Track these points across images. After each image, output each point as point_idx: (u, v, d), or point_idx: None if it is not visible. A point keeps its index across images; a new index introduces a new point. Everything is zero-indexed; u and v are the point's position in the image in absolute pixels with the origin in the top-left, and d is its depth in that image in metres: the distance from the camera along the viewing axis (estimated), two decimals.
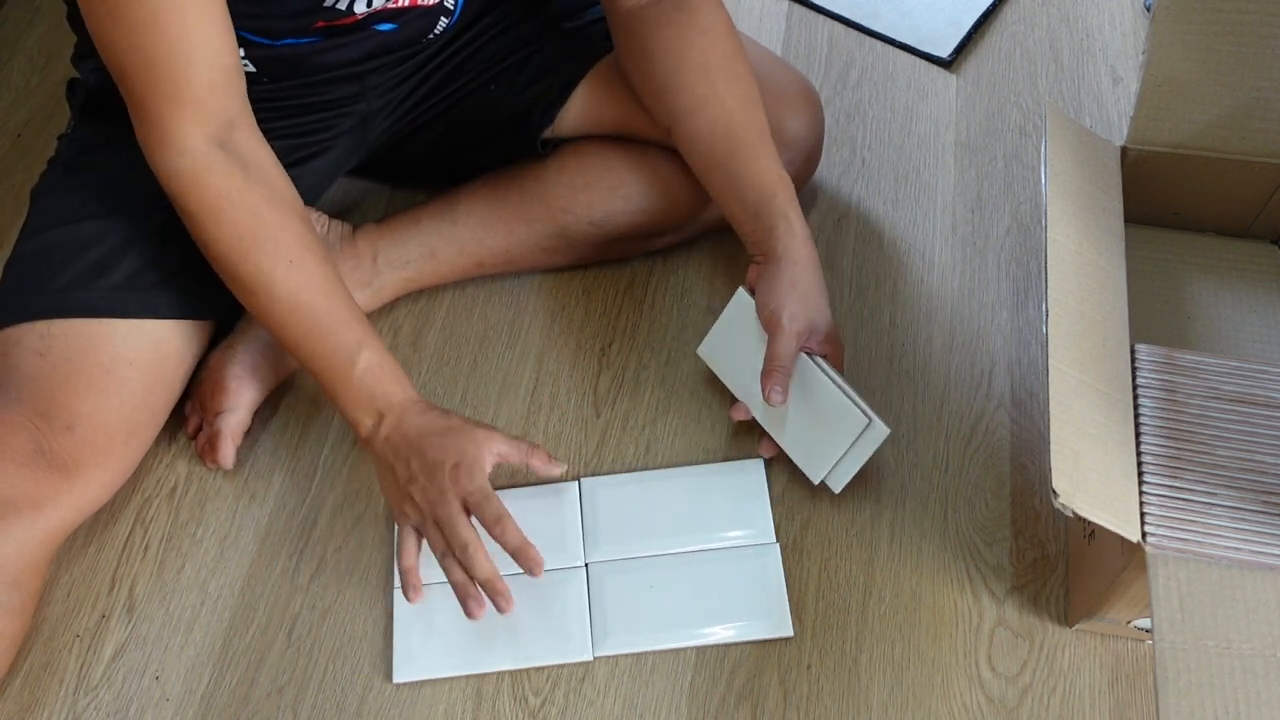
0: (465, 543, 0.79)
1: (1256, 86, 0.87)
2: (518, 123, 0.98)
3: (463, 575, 0.80)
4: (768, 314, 0.86)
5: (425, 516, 0.81)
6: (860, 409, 0.84)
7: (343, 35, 0.86)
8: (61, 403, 0.81)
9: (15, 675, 0.84)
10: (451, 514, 0.79)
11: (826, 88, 1.19)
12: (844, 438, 0.85)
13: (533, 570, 0.80)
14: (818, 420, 0.86)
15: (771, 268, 0.87)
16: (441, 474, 0.79)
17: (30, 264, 0.86)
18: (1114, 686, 0.81)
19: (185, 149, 0.77)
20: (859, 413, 0.84)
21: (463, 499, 0.80)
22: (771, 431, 0.90)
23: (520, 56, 0.98)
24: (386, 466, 0.83)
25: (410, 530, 0.83)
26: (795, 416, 0.87)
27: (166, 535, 0.91)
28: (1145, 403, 0.75)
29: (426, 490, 0.80)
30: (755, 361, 0.87)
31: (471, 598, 0.80)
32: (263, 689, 0.83)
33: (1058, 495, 0.66)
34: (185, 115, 0.75)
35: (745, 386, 0.90)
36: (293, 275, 0.80)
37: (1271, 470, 0.72)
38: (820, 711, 0.81)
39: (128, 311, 0.85)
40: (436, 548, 0.81)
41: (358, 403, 0.82)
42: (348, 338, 0.81)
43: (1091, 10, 1.25)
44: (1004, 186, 1.10)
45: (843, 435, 0.85)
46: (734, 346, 0.91)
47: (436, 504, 0.80)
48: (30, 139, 1.18)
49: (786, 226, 0.87)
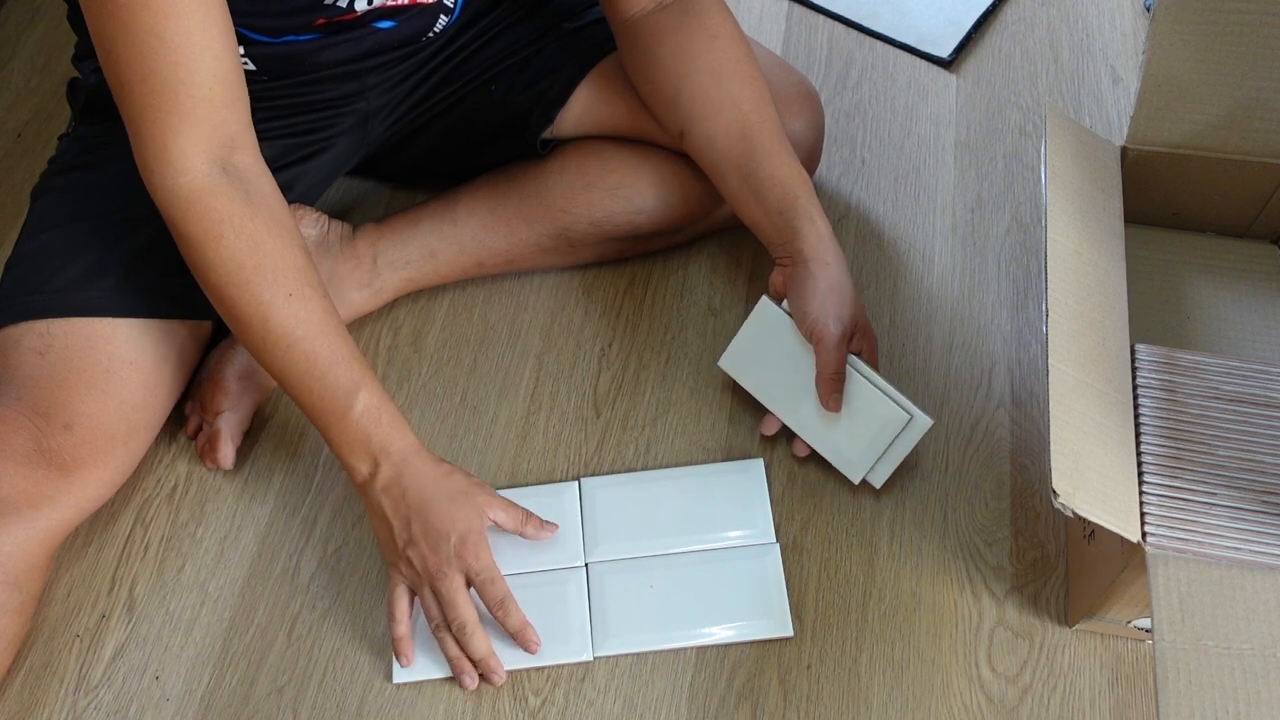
0: (464, 623, 0.79)
1: (1256, 86, 0.87)
2: (518, 123, 0.98)
3: (458, 650, 0.81)
4: (810, 321, 0.85)
5: (423, 583, 0.80)
6: (900, 405, 0.84)
7: (342, 32, 0.86)
8: (61, 402, 0.81)
9: (15, 675, 0.84)
10: (453, 591, 0.79)
11: (826, 88, 1.19)
12: (885, 435, 0.85)
13: (529, 649, 0.82)
14: (856, 420, 0.86)
15: (802, 272, 0.86)
16: (446, 546, 0.78)
17: (30, 263, 0.86)
18: (1114, 686, 0.81)
19: (185, 168, 0.74)
20: (899, 409, 0.84)
21: (466, 575, 0.79)
22: (805, 435, 0.89)
23: (521, 57, 0.98)
24: (383, 518, 0.80)
25: (404, 590, 0.81)
26: (831, 418, 0.87)
27: (166, 535, 0.91)
28: (1145, 403, 0.75)
29: (427, 560, 0.79)
30: (789, 369, 0.87)
31: (466, 673, 0.81)
32: (263, 689, 0.83)
33: (1058, 495, 0.66)
34: (184, 130, 0.73)
35: (776, 396, 0.90)
36: (291, 308, 0.77)
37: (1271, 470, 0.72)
38: (820, 711, 0.81)
39: (127, 311, 0.85)
40: (432, 618, 0.81)
41: (353, 446, 0.79)
42: (345, 377, 0.78)
43: (1091, 10, 1.25)
44: (1004, 186, 1.10)
45: (884, 432, 0.85)
46: (763, 356, 0.90)
47: (437, 577, 0.79)
48: (30, 139, 1.18)
49: (812, 227, 0.86)
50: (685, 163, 0.96)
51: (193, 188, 0.74)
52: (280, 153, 0.93)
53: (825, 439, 0.88)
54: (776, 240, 0.88)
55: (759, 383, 0.91)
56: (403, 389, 0.98)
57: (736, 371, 0.93)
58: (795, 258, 0.86)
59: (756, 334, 0.90)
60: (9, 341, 0.84)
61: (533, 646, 0.82)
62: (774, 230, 0.88)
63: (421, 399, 0.98)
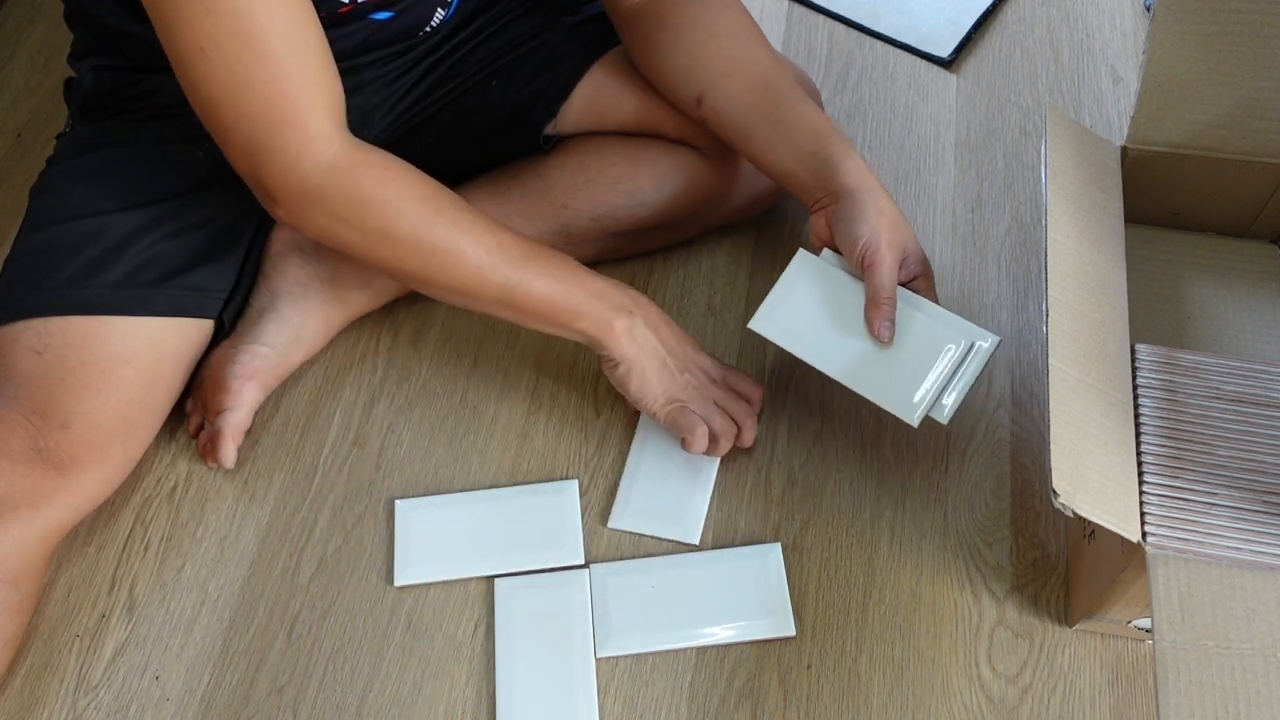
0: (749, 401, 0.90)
1: (1256, 86, 0.87)
2: (520, 118, 0.98)
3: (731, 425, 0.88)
4: (862, 246, 0.81)
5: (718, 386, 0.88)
6: (961, 329, 0.80)
7: (338, 26, 0.86)
8: (58, 401, 0.81)
9: (15, 675, 0.84)
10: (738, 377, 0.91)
11: (827, 88, 1.19)
12: (946, 363, 0.80)
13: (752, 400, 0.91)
14: (912, 352, 0.81)
15: (847, 203, 0.83)
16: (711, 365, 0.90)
17: (28, 261, 0.86)
18: (1114, 686, 0.81)
19: (332, 138, 0.75)
20: (961, 332, 0.80)
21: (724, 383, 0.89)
22: (853, 384, 0.82)
23: (521, 52, 0.98)
24: (654, 352, 0.86)
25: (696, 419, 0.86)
26: (883, 356, 0.81)
27: (166, 535, 0.91)
28: (1145, 403, 0.75)
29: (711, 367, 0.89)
30: (832, 314, 0.83)
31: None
32: (263, 689, 0.83)
33: (1058, 495, 0.66)
34: (318, 107, 0.74)
35: (818, 345, 0.83)
36: (481, 219, 0.81)
37: (1272, 470, 0.72)
38: (820, 711, 0.81)
39: (125, 309, 0.85)
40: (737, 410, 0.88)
41: (609, 309, 0.84)
42: (562, 269, 0.83)
43: (1091, 10, 1.25)
44: (1004, 186, 1.10)
45: (944, 360, 0.80)
46: (802, 307, 0.85)
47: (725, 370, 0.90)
48: (30, 139, 1.18)
49: (850, 159, 0.84)
50: (687, 156, 0.96)
51: (345, 152, 0.76)
52: None
53: (878, 382, 0.81)
54: (813, 183, 0.85)
55: (796, 336, 0.84)
56: (403, 389, 0.98)
57: (771, 328, 0.85)
58: (838, 193, 0.84)
59: (792, 286, 0.86)
60: (6, 340, 0.84)
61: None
62: (809, 173, 0.85)
63: (421, 399, 0.97)
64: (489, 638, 0.85)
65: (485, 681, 0.83)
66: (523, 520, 0.89)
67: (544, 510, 0.89)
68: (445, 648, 0.85)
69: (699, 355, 0.89)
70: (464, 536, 0.89)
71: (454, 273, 0.81)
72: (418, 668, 0.84)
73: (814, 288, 0.85)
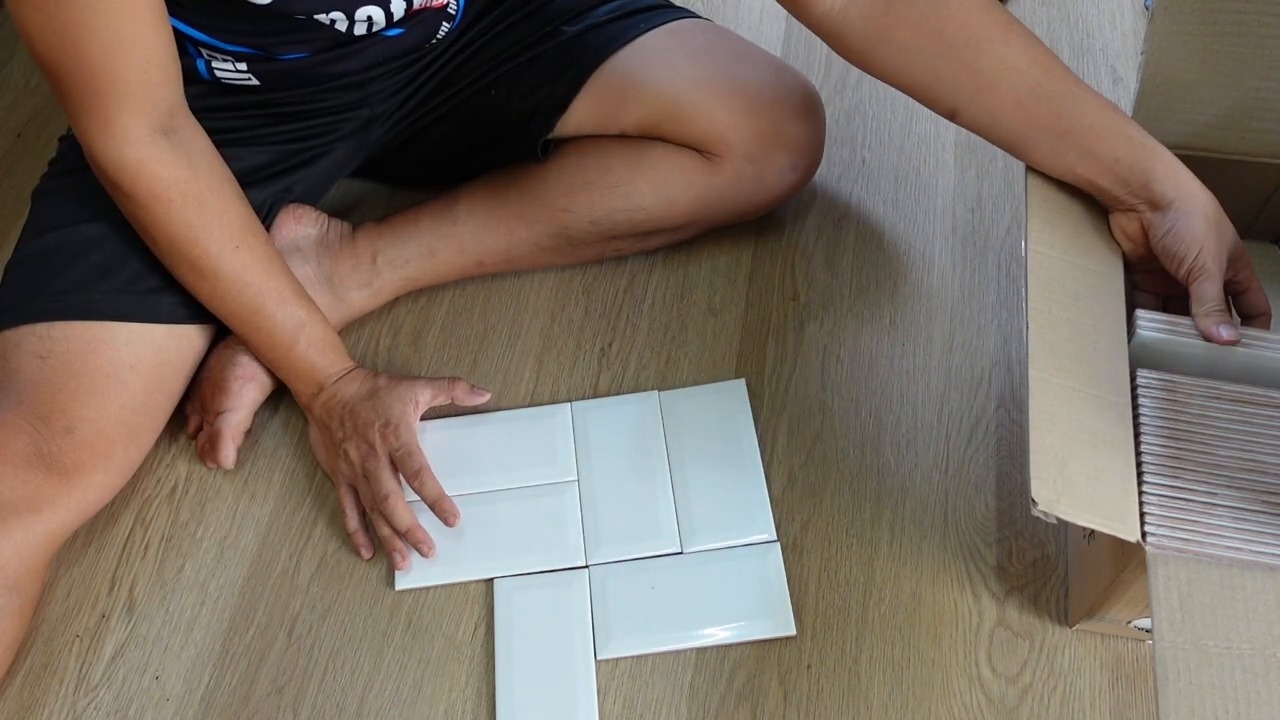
0: (387, 494, 0.86)
1: (1256, 86, 0.87)
2: (518, 128, 0.98)
3: (388, 530, 0.87)
4: (1189, 264, 0.76)
5: (357, 472, 0.88)
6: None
7: (351, 44, 0.86)
8: (61, 406, 0.81)
9: (15, 675, 0.84)
10: (379, 468, 0.87)
11: (826, 88, 1.19)
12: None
13: (448, 520, 0.87)
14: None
15: (1171, 216, 0.76)
16: (372, 432, 0.87)
17: (31, 266, 0.86)
18: (1114, 686, 0.81)
19: (130, 139, 0.77)
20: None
21: (390, 455, 0.87)
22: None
23: (521, 61, 0.97)
24: (323, 426, 0.90)
25: (347, 489, 0.89)
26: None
27: (166, 535, 0.91)
28: (1145, 403, 0.75)
29: (358, 447, 0.87)
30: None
31: (397, 550, 0.87)
32: (263, 689, 0.83)
33: (1036, 504, 0.66)
34: (126, 108, 0.75)
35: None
36: (238, 258, 0.83)
37: (1272, 470, 0.72)
38: (820, 711, 0.81)
39: (129, 315, 0.85)
40: (366, 502, 0.88)
41: (301, 374, 0.89)
42: (291, 315, 0.87)
43: (1091, 10, 1.25)
44: (1004, 186, 1.10)
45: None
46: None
47: (366, 458, 0.87)
48: (30, 139, 1.18)
49: (1163, 162, 0.77)
50: (685, 159, 0.96)
51: (139, 156, 0.78)
52: (279, 158, 0.93)
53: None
54: (1120, 190, 0.78)
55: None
56: None
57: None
58: (1155, 202, 0.77)
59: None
60: (10, 345, 0.84)
61: (450, 519, 0.87)
62: (1115, 180, 0.78)
63: None
64: (489, 638, 0.85)
65: (485, 682, 0.83)
66: (524, 522, 0.89)
67: (544, 512, 0.89)
68: (445, 648, 0.85)
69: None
70: (464, 538, 0.89)
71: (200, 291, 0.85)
72: (418, 668, 0.84)
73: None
